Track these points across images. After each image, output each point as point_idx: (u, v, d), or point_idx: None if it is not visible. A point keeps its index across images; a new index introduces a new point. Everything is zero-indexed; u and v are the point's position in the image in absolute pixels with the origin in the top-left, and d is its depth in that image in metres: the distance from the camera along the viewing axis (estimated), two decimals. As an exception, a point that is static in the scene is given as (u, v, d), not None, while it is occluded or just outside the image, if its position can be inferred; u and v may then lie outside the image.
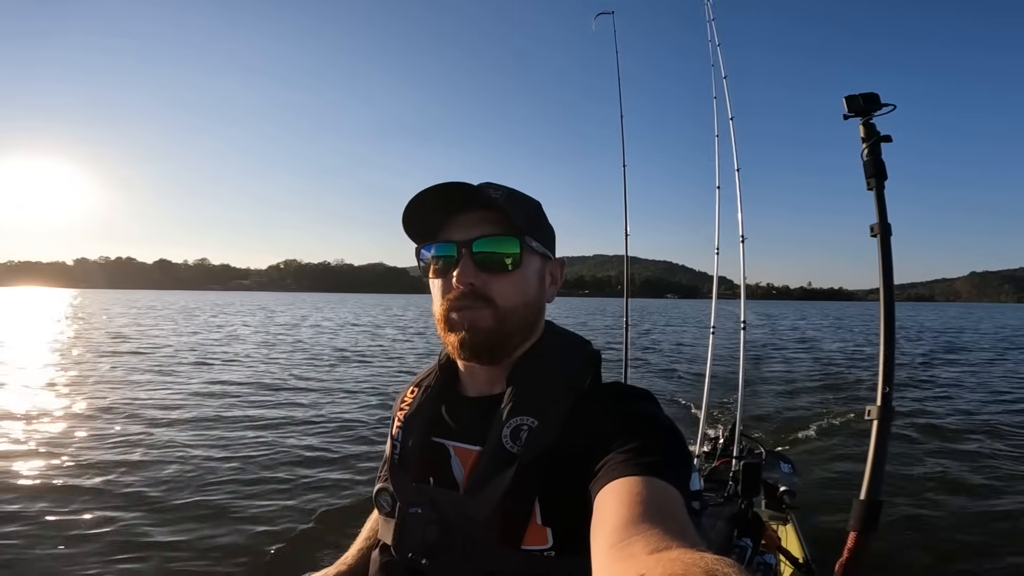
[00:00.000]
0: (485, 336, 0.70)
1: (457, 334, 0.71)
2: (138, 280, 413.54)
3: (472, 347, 0.71)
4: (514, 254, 0.71)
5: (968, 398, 7.57)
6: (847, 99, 1.48)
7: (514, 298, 0.71)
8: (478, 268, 0.70)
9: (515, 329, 0.72)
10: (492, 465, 0.67)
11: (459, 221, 0.72)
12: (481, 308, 0.70)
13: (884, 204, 1.46)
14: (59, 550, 2.77)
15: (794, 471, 2.69)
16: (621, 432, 0.62)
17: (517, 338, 0.73)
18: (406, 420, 0.79)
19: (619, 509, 0.52)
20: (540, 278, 0.75)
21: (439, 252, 0.73)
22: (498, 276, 0.70)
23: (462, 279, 0.69)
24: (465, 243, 0.70)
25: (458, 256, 0.70)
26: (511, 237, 0.71)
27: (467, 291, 0.70)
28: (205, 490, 3.60)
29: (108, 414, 5.64)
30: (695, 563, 0.38)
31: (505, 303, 0.71)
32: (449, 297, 0.71)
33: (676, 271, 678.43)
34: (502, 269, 0.71)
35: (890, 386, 1.32)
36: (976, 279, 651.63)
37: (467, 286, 0.69)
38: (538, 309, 0.76)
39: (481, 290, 0.70)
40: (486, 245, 0.70)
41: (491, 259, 0.70)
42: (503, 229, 0.71)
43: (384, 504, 0.76)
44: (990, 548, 3.01)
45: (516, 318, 0.72)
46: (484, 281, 0.70)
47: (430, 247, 0.74)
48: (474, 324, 0.70)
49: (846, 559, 1.21)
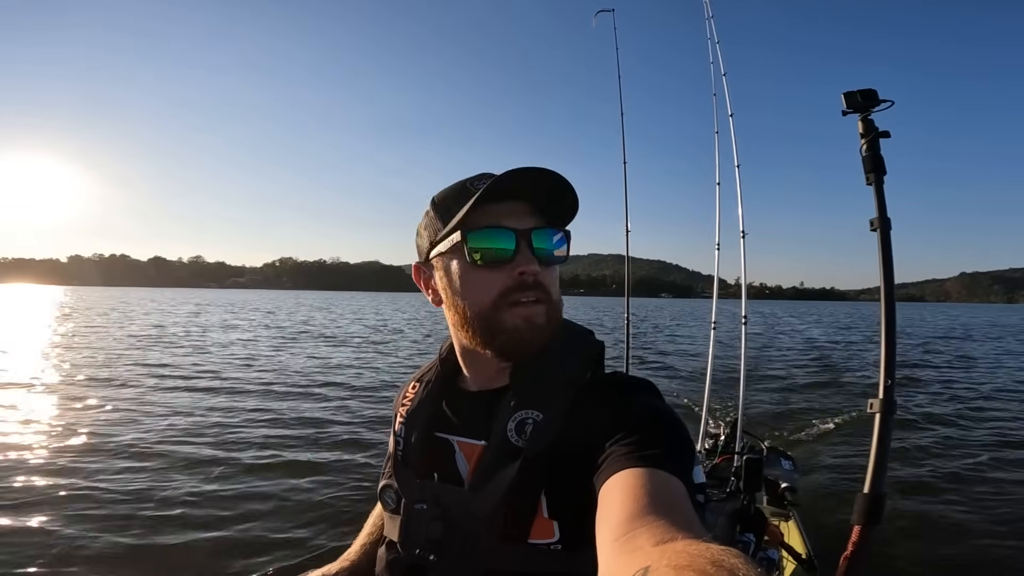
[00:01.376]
0: (540, 333, 0.68)
1: (512, 333, 0.67)
2: (133, 277, 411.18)
3: (528, 344, 0.68)
4: (564, 249, 0.71)
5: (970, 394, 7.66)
6: (846, 95, 1.48)
7: (557, 293, 0.72)
8: (537, 259, 0.68)
9: (559, 323, 0.72)
10: (497, 459, 0.66)
11: (508, 209, 0.68)
12: (540, 303, 0.68)
13: (883, 199, 1.47)
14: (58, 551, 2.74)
15: (794, 468, 2.71)
16: (624, 424, 0.62)
17: (554, 334, 0.71)
18: (408, 416, 0.78)
19: (623, 501, 0.51)
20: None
21: (496, 240, 0.67)
22: (548, 269, 0.70)
23: (531, 268, 0.67)
24: (525, 232, 0.68)
25: (518, 245, 0.67)
26: (562, 231, 0.71)
27: (532, 282, 0.67)
28: (204, 489, 3.57)
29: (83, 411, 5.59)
30: (701, 554, 0.37)
31: (555, 296, 0.71)
32: (504, 290, 0.67)
33: (670, 270, 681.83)
34: (553, 262, 0.70)
35: (892, 379, 1.33)
36: (966, 280, 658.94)
37: (532, 276, 0.67)
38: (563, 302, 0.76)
39: (541, 281, 0.68)
40: (543, 238, 0.69)
41: (547, 253, 0.69)
42: (556, 222, 0.71)
43: (389, 501, 0.75)
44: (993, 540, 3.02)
45: (559, 312, 0.72)
46: (542, 274, 0.68)
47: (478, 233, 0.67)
48: (533, 320, 0.68)
49: (851, 552, 1.21)
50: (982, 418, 6.19)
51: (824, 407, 6.64)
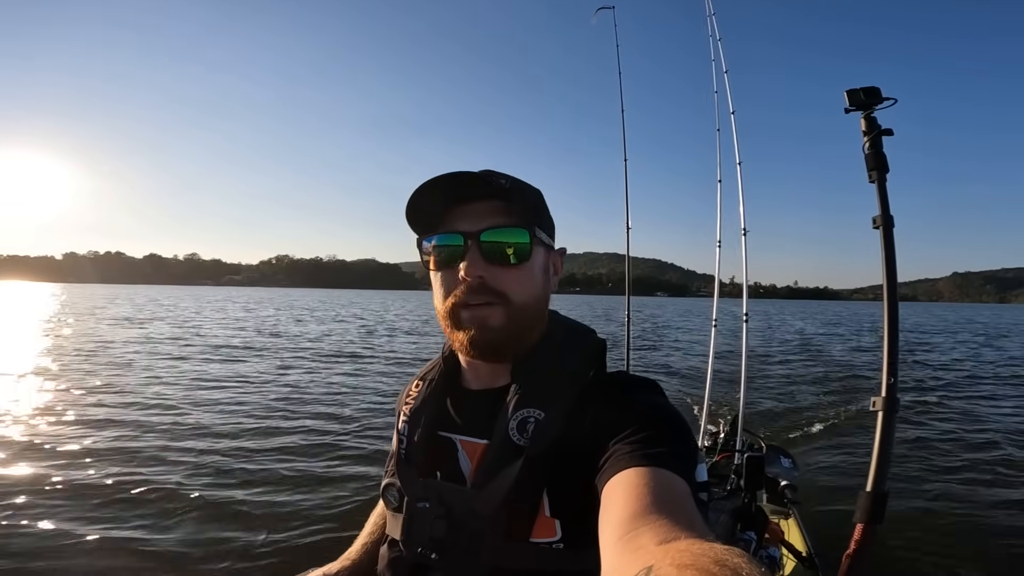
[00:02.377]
0: (495, 335, 0.68)
1: (466, 332, 0.68)
2: (128, 275, 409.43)
3: (482, 346, 0.68)
4: (524, 245, 0.68)
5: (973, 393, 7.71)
6: (848, 93, 1.48)
7: (525, 292, 0.69)
8: (486, 260, 0.67)
9: (526, 326, 0.70)
10: (499, 458, 0.66)
11: (465, 211, 0.69)
12: (493, 305, 0.67)
13: (886, 197, 1.46)
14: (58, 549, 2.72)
15: (794, 466, 2.72)
16: (628, 423, 0.62)
17: (527, 335, 0.71)
18: (411, 414, 0.78)
19: (627, 500, 0.51)
20: (545, 270, 0.73)
21: (444, 243, 0.69)
22: (508, 269, 0.68)
23: (471, 272, 0.66)
24: (473, 234, 0.67)
25: (465, 248, 0.67)
26: (520, 228, 0.68)
27: (476, 285, 0.67)
28: (204, 487, 3.55)
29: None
30: (704, 553, 0.37)
31: (518, 299, 0.68)
32: (457, 292, 0.68)
33: (665, 269, 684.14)
34: (511, 262, 0.68)
35: (894, 377, 1.32)
36: (959, 279, 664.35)
37: (476, 279, 0.66)
38: (545, 302, 0.74)
39: (491, 283, 0.67)
40: (495, 236, 0.67)
41: (499, 251, 0.67)
42: (512, 220, 0.68)
43: (391, 499, 0.75)
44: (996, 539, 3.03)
45: (528, 314, 0.70)
46: (494, 275, 0.67)
47: (432, 238, 0.70)
48: (484, 322, 0.67)
49: (853, 550, 1.21)
50: (983, 414, 6.23)
51: (823, 405, 6.68)
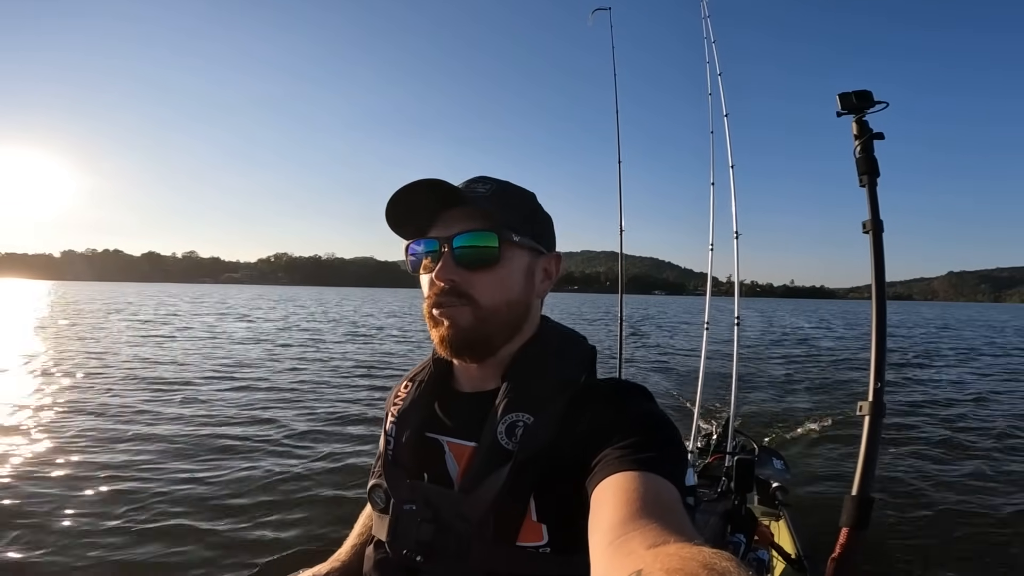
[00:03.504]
0: (464, 333, 0.70)
1: (439, 331, 0.71)
2: (126, 273, 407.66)
3: (452, 344, 0.71)
4: (491, 249, 0.70)
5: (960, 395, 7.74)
6: (840, 97, 1.49)
7: (496, 296, 0.70)
8: (458, 265, 0.69)
9: (497, 328, 0.71)
10: (487, 462, 0.66)
11: (443, 218, 0.72)
12: (461, 306, 0.69)
13: (876, 201, 1.47)
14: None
15: (786, 467, 2.72)
16: (617, 428, 0.62)
17: (500, 337, 0.72)
18: (400, 415, 0.78)
19: (616, 505, 0.51)
20: (527, 274, 0.74)
21: (424, 248, 0.73)
22: (478, 273, 0.70)
23: (441, 275, 0.69)
24: (446, 239, 0.70)
25: (440, 252, 0.70)
26: (488, 232, 0.70)
27: (447, 288, 0.69)
28: (190, 489, 3.55)
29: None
30: (693, 557, 0.37)
31: (486, 301, 0.70)
32: (431, 293, 0.71)
33: (663, 268, 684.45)
34: (481, 265, 0.70)
35: (881, 382, 1.33)
36: (954, 279, 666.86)
37: (447, 283, 0.69)
38: (525, 306, 0.74)
39: (460, 287, 0.69)
40: (464, 241, 0.70)
41: (468, 255, 0.69)
42: (482, 225, 0.70)
43: (378, 500, 0.75)
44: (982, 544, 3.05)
45: (499, 317, 0.71)
46: (464, 278, 0.69)
47: (418, 243, 0.74)
48: (454, 321, 0.70)
49: (838, 555, 1.22)
50: (972, 417, 6.26)
51: (818, 407, 6.68)
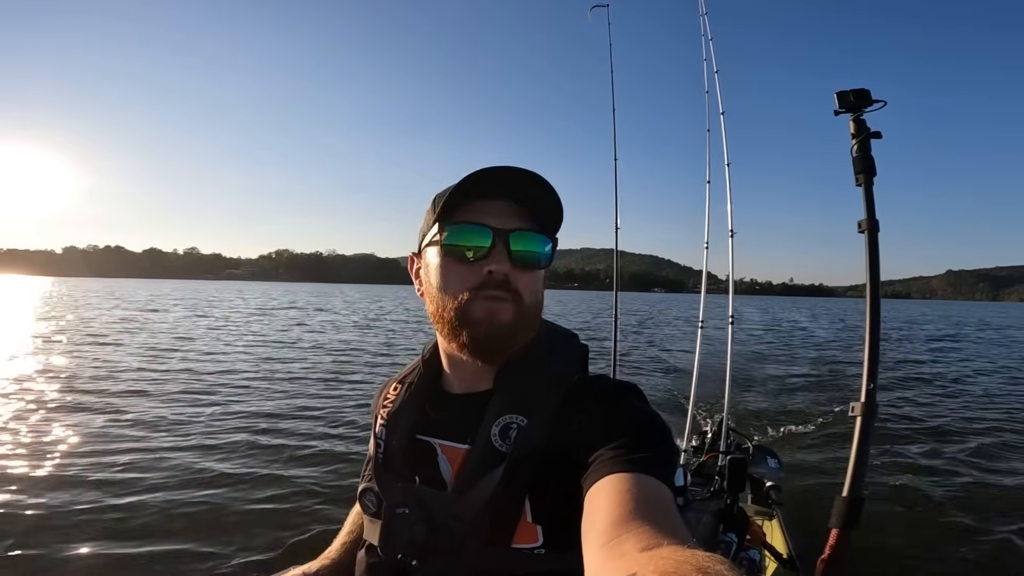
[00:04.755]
0: (504, 331, 0.68)
1: (476, 328, 0.68)
2: (127, 269, 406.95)
3: (490, 341, 0.68)
4: (545, 255, 0.71)
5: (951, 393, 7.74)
6: (838, 95, 1.48)
7: (532, 297, 0.71)
8: (512, 260, 0.68)
9: (529, 326, 0.72)
10: (481, 464, 0.66)
11: (492, 207, 0.69)
12: (507, 302, 0.68)
13: (872, 200, 1.47)
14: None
15: (780, 466, 2.71)
16: (610, 428, 0.62)
17: (525, 337, 0.72)
18: (390, 418, 0.77)
19: (610, 507, 0.51)
20: (544, 276, 0.75)
21: (472, 236, 0.68)
22: (525, 272, 0.69)
23: (501, 269, 0.67)
24: (502, 232, 0.68)
25: (493, 245, 0.68)
26: (546, 237, 0.71)
27: (501, 281, 0.67)
28: (178, 487, 3.52)
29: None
30: (687, 560, 0.37)
31: (528, 299, 0.70)
32: (474, 285, 0.68)
33: (662, 265, 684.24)
34: (531, 266, 0.70)
35: (874, 383, 1.33)
36: (952, 277, 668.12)
37: (502, 276, 0.67)
38: (542, 308, 0.75)
39: (513, 283, 0.68)
40: (524, 241, 0.69)
41: (525, 255, 0.69)
42: (539, 227, 0.71)
43: (369, 504, 0.74)
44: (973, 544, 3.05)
45: (531, 315, 0.71)
46: (515, 275, 0.68)
47: (457, 227, 0.68)
48: (495, 317, 0.67)
49: (828, 555, 1.22)
50: (966, 415, 6.28)
51: (815, 405, 6.67)
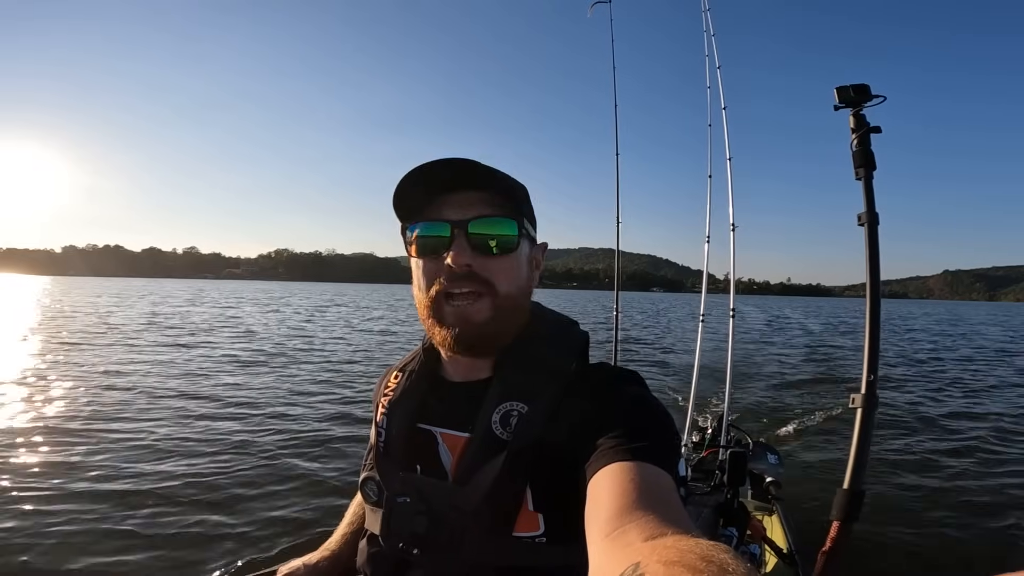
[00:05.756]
0: (480, 330, 0.67)
1: (449, 329, 0.67)
2: (126, 268, 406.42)
3: (465, 343, 0.68)
4: (512, 237, 0.68)
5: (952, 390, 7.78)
6: (838, 90, 1.48)
7: (510, 284, 0.69)
8: (474, 250, 0.66)
9: (510, 318, 0.70)
10: (482, 452, 0.66)
11: (450, 200, 0.68)
12: (479, 296, 0.67)
13: (872, 194, 1.47)
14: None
15: (780, 462, 2.72)
16: (612, 416, 0.62)
17: (510, 328, 0.70)
18: (390, 406, 0.77)
19: (613, 496, 0.51)
20: (529, 262, 0.73)
21: (430, 231, 0.68)
22: (494, 259, 0.67)
23: (458, 260, 0.65)
24: (460, 223, 0.66)
25: (452, 237, 0.66)
26: (509, 219, 0.68)
27: (463, 273, 0.66)
28: (178, 477, 3.52)
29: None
30: (691, 549, 0.37)
31: (503, 288, 0.68)
32: (441, 280, 0.67)
33: (660, 265, 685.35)
34: (498, 252, 0.67)
35: (875, 374, 1.33)
36: (949, 277, 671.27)
37: (463, 268, 0.65)
38: (529, 294, 0.73)
39: (479, 272, 0.66)
40: (483, 226, 0.66)
41: (486, 241, 0.67)
42: (500, 210, 0.67)
43: (370, 494, 0.74)
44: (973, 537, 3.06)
45: (511, 306, 0.69)
46: (481, 264, 0.66)
47: (415, 226, 0.69)
48: (468, 319, 0.66)
49: (828, 548, 1.22)
50: (967, 410, 6.30)
51: (816, 401, 6.69)
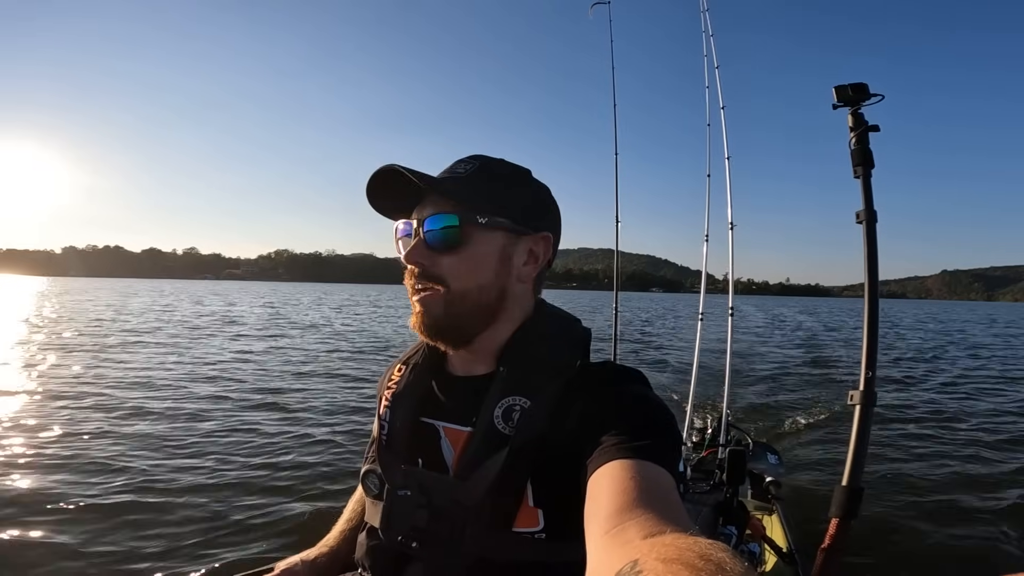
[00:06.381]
0: (435, 320, 0.70)
1: (415, 316, 0.71)
2: (126, 269, 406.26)
3: (426, 330, 0.71)
4: (452, 231, 0.68)
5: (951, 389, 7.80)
6: (836, 89, 1.48)
7: (464, 279, 0.69)
8: (428, 247, 0.69)
9: (468, 312, 0.69)
10: (484, 447, 0.66)
11: (421, 201, 0.72)
12: (434, 291, 0.69)
13: (870, 192, 1.47)
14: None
15: (780, 462, 2.73)
16: (614, 413, 0.62)
17: (473, 322, 0.70)
18: (394, 399, 0.77)
19: (613, 493, 0.51)
20: (502, 256, 0.71)
21: (403, 232, 0.73)
22: (445, 256, 0.69)
23: (409, 258, 0.70)
24: (420, 222, 0.70)
25: (415, 236, 0.70)
26: (449, 215, 0.69)
27: (418, 271, 0.70)
28: (176, 472, 3.51)
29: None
30: (689, 548, 0.37)
31: (455, 284, 0.69)
32: (406, 276, 0.72)
33: (660, 265, 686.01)
34: (446, 249, 0.69)
35: (873, 371, 1.33)
36: (947, 277, 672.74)
37: (417, 265, 0.69)
38: (500, 290, 0.71)
39: (431, 270, 0.69)
40: (431, 224, 0.69)
41: (435, 237, 0.69)
42: (444, 208, 0.69)
43: (372, 486, 0.74)
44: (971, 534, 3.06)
45: (469, 300, 0.69)
46: (433, 261, 0.69)
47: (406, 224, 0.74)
48: (427, 309, 0.70)
49: (827, 545, 1.22)
50: (961, 412, 6.30)
51: (815, 401, 6.68)
